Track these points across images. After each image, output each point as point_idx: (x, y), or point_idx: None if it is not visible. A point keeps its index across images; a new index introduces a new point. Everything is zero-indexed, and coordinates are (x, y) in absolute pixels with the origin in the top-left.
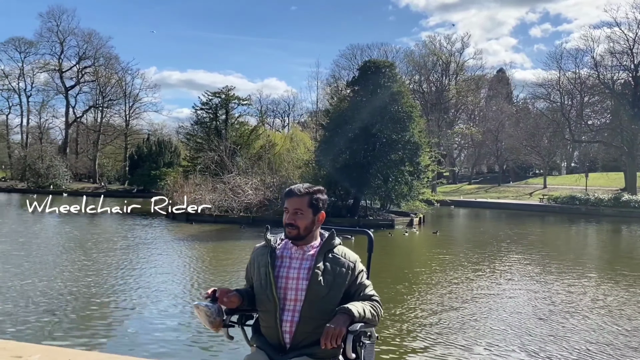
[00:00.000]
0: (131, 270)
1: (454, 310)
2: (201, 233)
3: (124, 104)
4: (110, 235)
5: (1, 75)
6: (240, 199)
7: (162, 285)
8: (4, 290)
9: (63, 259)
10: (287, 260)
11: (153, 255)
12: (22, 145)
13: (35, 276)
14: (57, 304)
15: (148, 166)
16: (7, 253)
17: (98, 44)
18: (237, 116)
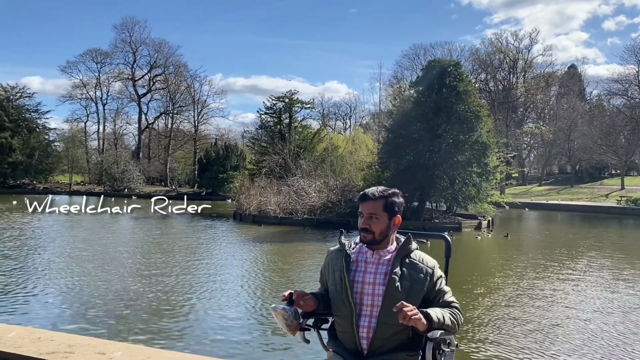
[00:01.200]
0: (202, 271)
1: (532, 318)
2: (267, 235)
3: (193, 110)
4: (179, 236)
5: (80, 85)
6: (304, 202)
7: (232, 285)
8: (89, 290)
9: (137, 260)
10: (362, 264)
11: (222, 255)
12: (98, 151)
13: (114, 276)
14: (135, 303)
15: (216, 170)
16: (95, 257)
17: (168, 53)
18: (300, 120)
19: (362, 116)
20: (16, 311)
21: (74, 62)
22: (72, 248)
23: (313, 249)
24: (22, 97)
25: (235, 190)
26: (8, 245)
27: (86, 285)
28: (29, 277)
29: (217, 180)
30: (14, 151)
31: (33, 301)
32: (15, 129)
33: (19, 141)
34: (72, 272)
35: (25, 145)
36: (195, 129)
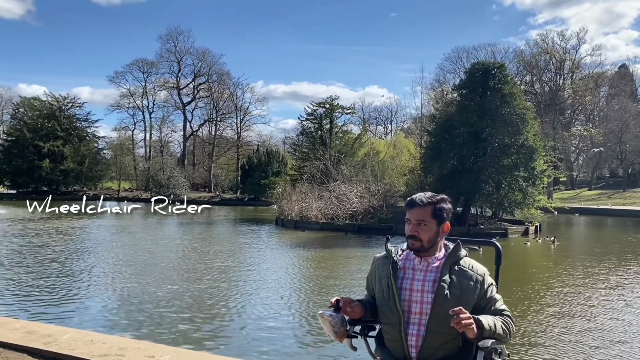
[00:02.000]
0: (245, 276)
1: (592, 332)
2: (309, 240)
3: (235, 117)
4: (222, 241)
5: (127, 94)
6: (346, 207)
7: (276, 291)
8: (138, 294)
9: (182, 265)
10: (410, 272)
11: (265, 261)
12: (145, 158)
13: (161, 281)
14: (181, 308)
15: (258, 175)
16: (142, 262)
17: (211, 62)
18: (341, 125)
19: (404, 120)
20: (69, 314)
21: (121, 72)
22: (118, 252)
23: (355, 255)
24: (73, 107)
25: (277, 196)
26: (57, 249)
27: (135, 290)
28: (80, 280)
29: (259, 186)
30: (65, 159)
31: (85, 304)
32: (67, 137)
33: (70, 149)
34: (121, 276)
35: (76, 153)
36: (238, 136)
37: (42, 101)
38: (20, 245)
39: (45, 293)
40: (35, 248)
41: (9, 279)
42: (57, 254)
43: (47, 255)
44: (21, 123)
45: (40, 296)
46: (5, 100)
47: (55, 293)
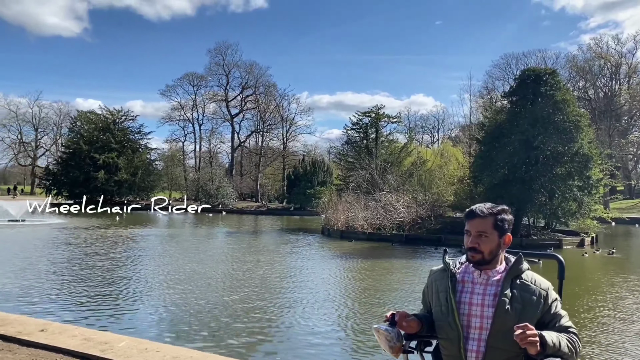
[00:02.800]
0: (292, 286)
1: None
2: (355, 250)
3: (282, 128)
4: (268, 251)
5: (178, 107)
6: (392, 217)
7: (324, 302)
8: (191, 304)
9: (231, 274)
10: (469, 285)
11: (312, 271)
12: (195, 168)
13: (212, 291)
14: (232, 318)
15: (304, 185)
16: (193, 271)
17: (258, 74)
18: (387, 134)
19: (451, 129)
20: (124, 321)
21: (172, 85)
22: (170, 261)
23: (404, 266)
24: (126, 119)
25: (323, 206)
26: (112, 256)
27: (187, 299)
28: (134, 288)
29: (305, 196)
30: (119, 170)
31: (139, 312)
32: (121, 149)
33: (124, 161)
34: (173, 285)
35: (129, 165)
36: (284, 146)
37: (97, 115)
38: (76, 253)
39: (101, 300)
40: (91, 256)
41: (68, 287)
42: (111, 261)
43: (101, 262)
44: (78, 136)
45: (96, 304)
46: (63, 115)
47: (110, 301)
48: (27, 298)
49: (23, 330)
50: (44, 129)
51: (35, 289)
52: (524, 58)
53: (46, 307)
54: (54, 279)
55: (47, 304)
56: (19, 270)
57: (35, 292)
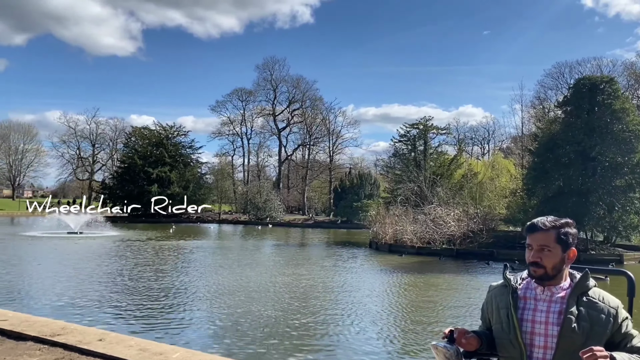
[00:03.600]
0: (343, 301)
1: None
2: (405, 264)
3: (328, 141)
4: (317, 264)
5: (227, 122)
6: (442, 231)
7: (376, 318)
8: (242, 316)
9: (280, 287)
10: (531, 302)
11: (362, 285)
12: (244, 182)
13: (262, 303)
14: (280, 331)
15: (350, 198)
16: (244, 283)
17: (305, 88)
18: (436, 146)
19: (502, 140)
20: (178, 332)
21: (222, 101)
22: (222, 273)
23: (457, 282)
24: (178, 135)
25: (371, 219)
26: (166, 268)
27: (238, 312)
28: (187, 300)
29: (352, 209)
30: (172, 184)
31: (193, 324)
32: (173, 163)
33: (176, 175)
34: (225, 297)
35: (181, 178)
36: (330, 159)
37: (151, 130)
38: (130, 265)
39: (155, 311)
40: (144, 267)
41: (123, 297)
42: (163, 273)
43: (153, 274)
44: (133, 151)
45: (151, 314)
46: (119, 130)
47: (164, 312)
48: (85, 308)
49: (82, 340)
50: (100, 145)
51: (92, 299)
52: (578, 66)
53: (103, 317)
54: (109, 290)
55: (104, 314)
56: (78, 281)
57: (93, 302)
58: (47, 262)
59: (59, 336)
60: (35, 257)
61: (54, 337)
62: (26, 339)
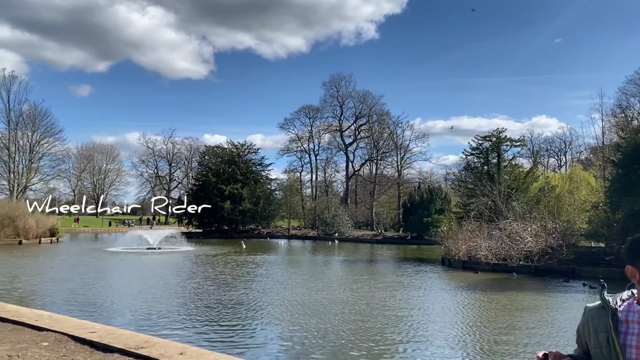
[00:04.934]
0: (415, 318)
1: None
2: (480, 282)
3: (396, 156)
4: (388, 280)
5: (295, 139)
6: (519, 247)
7: (456, 338)
8: (310, 330)
9: (349, 302)
10: (635, 326)
11: (436, 304)
12: (312, 197)
13: (332, 317)
14: (354, 345)
15: (420, 213)
16: (315, 299)
17: (371, 103)
18: (510, 159)
19: (580, 151)
20: (254, 348)
21: (290, 119)
22: (290, 287)
23: (538, 301)
24: (249, 152)
25: (442, 235)
26: (239, 283)
27: (315, 329)
28: (263, 314)
29: (422, 224)
30: (243, 200)
31: (270, 339)
32: (245, 180)
33: (247, 191)
34: (300, 313)
35: (252, 195)
36: (399, 174)
37: (223, 149)
38: (207, 279)
39: (232, 326)
40: (219, 281)
41: (201, 311)
42: (237, 288)
43: (228, 289)
44: (207, 169)
45: (227, 329)
46: (193, 150)
47: (241, 326)
48: (164, 321)
49: (164, 353)
50: (176, 164)
51: (171, 312)
52: None
53: (181, 331)
54: (188, 304)
55: (182, 327)
56: (157, 295)
57: (171, 315)
58: (128, 276)
59: (143, 349)
60: (117, 272)
61: (137, 349)
62: (113, 351)
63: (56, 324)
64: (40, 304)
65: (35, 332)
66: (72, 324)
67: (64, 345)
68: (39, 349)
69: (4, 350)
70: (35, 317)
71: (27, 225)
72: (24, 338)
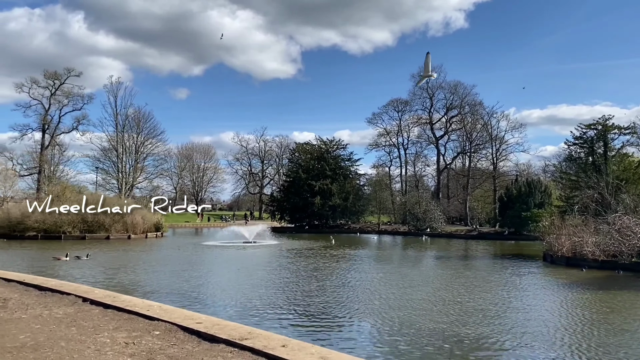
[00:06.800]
0: (520, 320)
1: None
2: (587, 280)
3: (490, 147)
4: (484, 277)
5: (384, 133)
6: (631, 242)
7: (561, 343)
8: (408, 324)
9: (447, 301)
10: None
11: (537, 302)
12: (401, 192)
13: (425, 314)
14: (444, 345)
15: (518, 207)
16: (409, 295)
17: (463, 94)
18: (618, 148)
19: None
20: (352, 342)
21: (378, 113)
22: (384, 282)
23: None
24: (338, 148)
25: (544, 230)
26: (328, 277)
27: (411, 326)
28: (359, 309)
29: (520, 219)
30: (333, 195)
31: (367, 334)
32: (334, 176)
33: (337, 187)
34: (394, 310)
35: (341, 190)
36: (494, 166)
37: (312, 145)
38: (300, 272)
39: (331, 319)
40: (311, 275)
41: (299, 303)
42: (330, 281)
43: (321, 283)
44: (297, 165)
45: (327, 323)
46: (283, 147)
47: (338, 320)
48: (263, 313)
49: (267, 345)
50: (268, 161)
51: (269, 304)
52: None
53: (278, 322)
54: (284, 296)
55: (278, 319)
56: (255, 286)
57: (269, 307)
58: (227, 268)
59: (246, 340)
60: (217, 264)
61: (242, 340)
62: (218, 342)
63: (165, 314)
64: (145, 293)
65: (147, 322)
66: (180, 315)
67: (174, 334)
68: (152, 337)
69: (121, 338)
70: (147, 307)
71: (134, 221)
72: (138, 327)
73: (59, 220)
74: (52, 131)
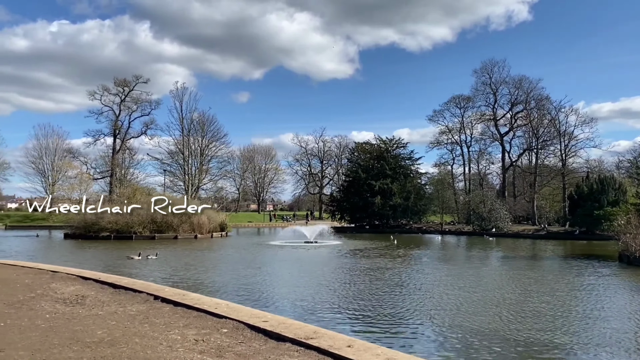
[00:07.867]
0: (594, 328)
1: None
2: None
3: (559, 143)
4: (554, 278)
5: (445, 130)
6: None
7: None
8: (469, 327)
9: (513, 303)
10: None
11: (617, 311)
12: (465, 191)
13: (490, 314)
14: (510, 349)
15: (590, 206)
16: (475, 297)
17: (528, 88)
18: None
19: None
20: (419, 344)
21: (439, 110)
22: (448, 283)
23: None
24: (397, 147)
25: (619, 229)
26: (393, 278)
27: (478, 330)
28: (425, 311)
29: (592, 218)
30: (393, 195)
31: (436, 337)
32: (394, 175)
33: (397, 186)
34: (459, 312)
35: (402, 190)
36: (563, 163)
37: (372, 145)
38: (362, 273)
39: (397, 320)
40: (375, 275)
41: (362, 304)
42: (395, 283)
43: (387, 283)
44: (356, 165)
45: (391, 324)
46: (342, 147)
47: (405, 321)
48: (325, 312)
49: (333, 345)
50: (327, 161)
51: (332, 303)
52: None
53: (341, 322)
54: (347, 296)
55: (342, 320)
56: (318, 285)
57: (331, 306)
58: (289, 267)
59: (312, 339)
60: (280, 263)
61: (307, 340)
62: (285, 340)
63: (233, 312)
64: (212, 291)
65: (215, 319)
66: (246, 313)
67: (241, 332)
68: (220, 335)
69: (191, 335)
70: (215, 305)
71: (201, 221)
72: (207, 324)
73: (130, 221)
74: (123, 136)
